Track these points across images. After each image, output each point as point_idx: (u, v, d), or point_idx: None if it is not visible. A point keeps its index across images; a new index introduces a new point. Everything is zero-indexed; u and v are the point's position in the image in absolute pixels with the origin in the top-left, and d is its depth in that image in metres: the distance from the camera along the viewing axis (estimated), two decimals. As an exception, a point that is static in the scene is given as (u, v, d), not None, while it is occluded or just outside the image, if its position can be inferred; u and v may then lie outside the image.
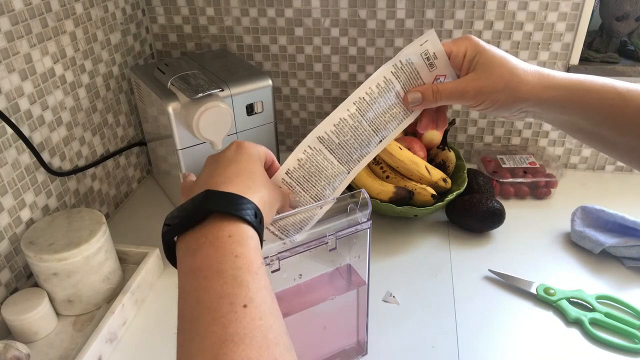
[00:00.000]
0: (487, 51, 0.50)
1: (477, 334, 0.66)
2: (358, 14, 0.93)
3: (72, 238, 0.65)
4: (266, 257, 0.48)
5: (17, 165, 0.68)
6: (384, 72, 0.51)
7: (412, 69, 0.52)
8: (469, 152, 1.05)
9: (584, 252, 0.80)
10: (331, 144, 0.51)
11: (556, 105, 0.50)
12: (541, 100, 0.50)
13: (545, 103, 0.50)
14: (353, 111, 0.51)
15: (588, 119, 0.50)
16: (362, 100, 0.51)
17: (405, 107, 0.53)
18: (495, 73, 0.49)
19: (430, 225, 0.87)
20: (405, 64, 0.52)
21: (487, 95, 0.50)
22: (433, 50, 0.51)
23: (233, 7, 0.96)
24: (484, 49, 0.50)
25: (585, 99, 0.49)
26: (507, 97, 0.50)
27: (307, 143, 0.50)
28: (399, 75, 0.52)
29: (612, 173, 1.01)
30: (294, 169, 0.50)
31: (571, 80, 0.50)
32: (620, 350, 0.63)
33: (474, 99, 0.51)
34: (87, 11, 0.80)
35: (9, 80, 0.66)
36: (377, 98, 0.51)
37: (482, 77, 0.50)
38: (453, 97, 0.52)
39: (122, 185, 0.95)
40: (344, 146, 0.51)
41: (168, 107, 0.74)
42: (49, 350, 0.64)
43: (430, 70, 0.52)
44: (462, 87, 0.51)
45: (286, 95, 1.04)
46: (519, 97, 0.50)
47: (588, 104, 0.49)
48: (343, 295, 0.57)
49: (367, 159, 0.53)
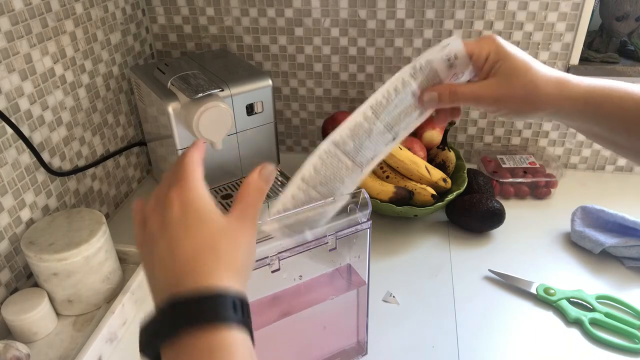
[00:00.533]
0: (511, 57, 0.49)
1: (477, 334, 0.66)
2: (358, 14, 0.93)
3: (72, 238, 0.65)
4: (266, 257, 0.49)
5: (17, 165, 0.68)
6: (403, 74, 0.51)
7: (431, 68, 0.51)
8: (469, 152, 1.05)
9: (584, 252, 0.80)
10: (346, 147, 0.51)
11: (574, 115, 0.50)
12: (559, 110, 0.50)
13: (563, 112, 0.50)
14: (369, 114, 0.50)
15: (605, 127, 0.50)
16: (379, 105, 0.50)
17: (420, 105, 0.52)
18: (516, 82, 0.49)
19: (430, 225, 0.87)
20: (425, 65, 0.51)
21: (505, 104, 0.50)
22: (455, 52, 0.50)
23: (233, 7, 0.96)
24: (507, 54, 0.49)
25: (603, 109, 0.49)
26: (525, 107, 0.49)
27: (323, 148, 0.50)
28: (417, 77, 0.51)
29: (612, 173, 1.01)
30: (309, 176, 0.50)
31: (591, 88, 0.49)
32: (620, 350, 0.63)
33: (491, 106, 0.50)
34: (87, 11, 0.80)
35: (9, 80, 0.66)
36: (393, 100, 0.51)
37: (502, 84, 0.49)
38: (470, 100, 0.51)
39: (122, 185, 0.95)
40: (358, 148, 0.51)
41: (168, 107, 0.74)
42: (49, 350, 0.64)
43: (449, 70, 0.51)
44: (481, 93, 0.50)
45: (286, 95, 1.04)
46: (537, 107, 0.49)
47: (606, 114, 0.49)
48: (343, 295, 0.57)
49: (379, 157, 0.53)
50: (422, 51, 0.94)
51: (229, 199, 0.82)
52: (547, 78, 0.49)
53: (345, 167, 0.51)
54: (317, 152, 0.50)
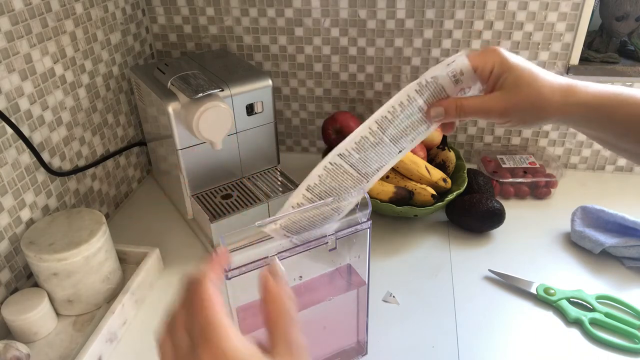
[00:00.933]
0: (515, 69, 0.49)
1: (477, 334, 0.66)
2: (358, 14, 0.93)
3: (72, 238, 0.65)
4: (266, 257, 0.49)
5: (17, 165, 0.68)
6: (408, 90, 0.51)
7: (437, 84, 0.51)
8: (469, 152, 1.05)
9: (584, 252, 0.80)
10: (351, 159, 0.51)
11: (581, 122, 0.50)
12: (566, 118, 0.50)
13: (571, 120, 0.50)
14: (375, 129, 0.51)
15: (613, 133, 0.50)
16: (384, 119, 0.51)
17: (427, 120, 0.53)
18: (522, 93, 0.49)
19: (430, 225, 0.87)
20: (431, 81, 0.51)
21: (513, 115, 0.50)
22: (460, 68, 0.51)
23: (233, 7, 0.96)
24: (511, 66, 0.49)
25: (611, 116, 0.49)
26: (533, 117, 0.50)
27: (329, 160, 0.51)
28: (423, 93, 0.52)
29: (612, 173, 1.01)
30: (314, 185, 0.51)
31: (598, 95, 0.49)
32: (620, 350, 0.63)
33: (499, 118, 0.51)
34: (87, 11, 0.80)
35: (9, 80, 0.66)
36: (399, 115, 0.51)
37: (508, 96, 0.49)
38: (477, 113, 0.51)
39: (122, 185, 0.95)
40: (364, 160, 0.52)
41: (168, 107, 0.74)
42: (49, 350, 0.64)
43: (455, 85, 0.52)
44: (488, 106, 0.50)
45: (286, 95, 1.04)
46: (545, 116, 0.50)
47: (613, 120, 0.49)
48: (343, 295, 0.57)
49: (385, 168, 0.54)
50: (422, 51, 0.95)
51: (229, 199, 0.82)
52: (552, 87, 0.49)
53: (350, 178, 0.52)
54: (323, 163, 0.51)
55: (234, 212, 0.79)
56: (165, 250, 0.81)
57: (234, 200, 0.82)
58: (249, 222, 0.53)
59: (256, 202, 0.81)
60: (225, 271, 0.47)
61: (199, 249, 0.83)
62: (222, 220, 0.77)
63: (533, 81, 0.49)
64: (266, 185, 0.86)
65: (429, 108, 0.52)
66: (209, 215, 0.78)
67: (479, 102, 0.51)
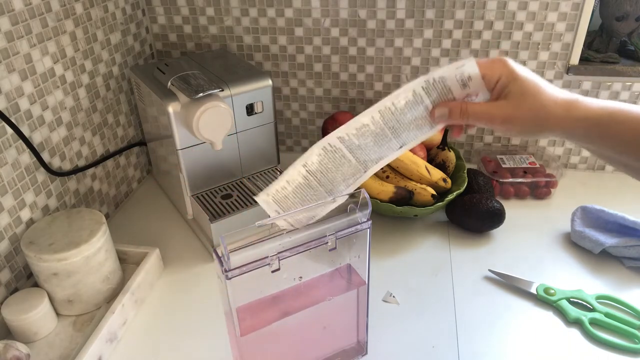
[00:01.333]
0: (521, 79, 0.50)
1: (477, 334, 0.66)
2: (358, 14, 0.93)
3: (72, 238, 0.65)
4: (266, 257, 0.49)
5: (17, 165, 0.68)
6: (415, 86, 0.52)
7: (444, 85, 0.52)
8: (469, 152, 1.05)
9: (584, 252, 0.80)
10: (351, 145, 0.52)
11: (583, 137, 0.51)
12: (567, 132, 0.51)
13: (572, 134, 0.51)
14: (377, 118, 0.52)
15: (615, 149, 0.51)
16: (387, 110, 0.52)
17: (431, 119, 0.54)
18: (526, 104, 0.50)
19: (430, 225, 0.87)
20: (438, 81, 0.52)
21: (515, 124, 0.51)
22: (469, 74, 0.52)
23: (233, 7, 0.96)
24: (518, 76, 0.51)
25: (612, 131, 0.50)
26: (534, 128, 0.51)
27: (328, 141, 0.51)
28: (430, 92, 0.52)
29: (612, 173, 1.01)
30: (311, 163, 0.52)
31: (600, 110, 0.50)
32: (620, 350, 0.63)
33: (501, 125, 0.52)
34: (87, 11, 0.80)
35: (9, 80, 0.66)
36: (403, 109, 0.52)
37: (512, 106, 0.51)
38: (480, 119, 0.52)
39: (122, 185, 0.95)
40: (363, 148, 0.52)
41: (168, 107, 0.74)
42: (49, 350, 0.64)
43: (462, 90, 0.53)
44: (492, 114, 0.51)
45: (286, 95, 1.04)
46: (546, 128, 0.51)
47: (615, 136, 0.50)
48: (343, 295, 0.57)
49: (384, 161, 0.54)
50: (422, 51, 0.95)
51: (229, 199, 0.82)
52: (556, 100, 0.50)
53: (348, 164, 0.52)
54: (321, 143, 0.51)
55: (234, 212, 0.79)
56: (165, 250, 0.81)
57: (234, 200, 0.82)
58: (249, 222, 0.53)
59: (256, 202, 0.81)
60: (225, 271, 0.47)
61: (199, 249, 0.83)
62: (222, 220, 0.77)
63: (538, 93, 0.50)
64: (266, 185, 0.85)
65: (433, 108, 0.53)
66: (209, 215, 0.78)
67: (484, 108, 0.52)
